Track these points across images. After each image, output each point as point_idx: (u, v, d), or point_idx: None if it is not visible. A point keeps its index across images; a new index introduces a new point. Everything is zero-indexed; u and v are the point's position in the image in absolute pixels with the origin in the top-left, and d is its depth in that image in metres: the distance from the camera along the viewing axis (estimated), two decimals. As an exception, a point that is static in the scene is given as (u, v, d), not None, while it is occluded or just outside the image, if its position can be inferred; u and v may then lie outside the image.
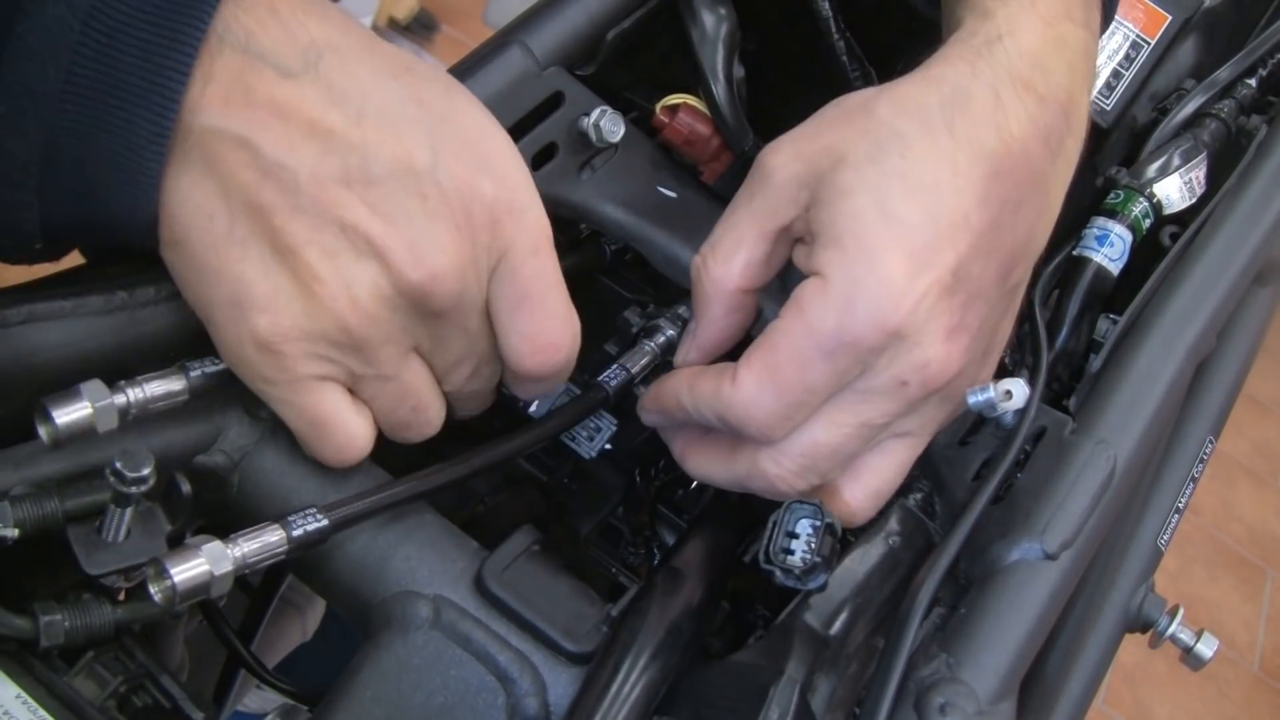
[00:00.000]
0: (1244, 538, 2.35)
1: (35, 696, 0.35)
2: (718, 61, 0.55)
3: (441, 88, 0.42)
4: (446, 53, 2.39)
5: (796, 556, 0.43)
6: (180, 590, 0.36)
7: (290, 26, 0.38)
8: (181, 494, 0.38)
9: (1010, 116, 0.45)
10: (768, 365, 0.43)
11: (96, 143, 0.37)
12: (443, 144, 0.40)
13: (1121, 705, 2.00)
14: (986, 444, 0.50)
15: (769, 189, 0.46)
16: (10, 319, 0.38)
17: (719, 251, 0.47)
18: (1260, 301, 0.68)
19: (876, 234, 0.42)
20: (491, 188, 0.41)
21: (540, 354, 0.43)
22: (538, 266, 0.42)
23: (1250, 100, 0.69)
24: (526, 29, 0.52)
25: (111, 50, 0.36)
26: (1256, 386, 2.49)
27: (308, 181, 0.38)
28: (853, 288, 0.42)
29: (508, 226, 0.41)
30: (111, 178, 0.37)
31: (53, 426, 0.37)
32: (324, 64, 0.38)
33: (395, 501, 0.42)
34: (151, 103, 0.36)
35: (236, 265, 0.39)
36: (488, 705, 0.40)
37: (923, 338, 0.43)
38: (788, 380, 0.43)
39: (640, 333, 0.53)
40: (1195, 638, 0.59)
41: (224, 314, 0.39)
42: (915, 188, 0.43)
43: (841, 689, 0.43)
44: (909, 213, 0.43)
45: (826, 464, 0.45)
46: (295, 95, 0.38)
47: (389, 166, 0.39)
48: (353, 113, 0.38)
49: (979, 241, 0.44)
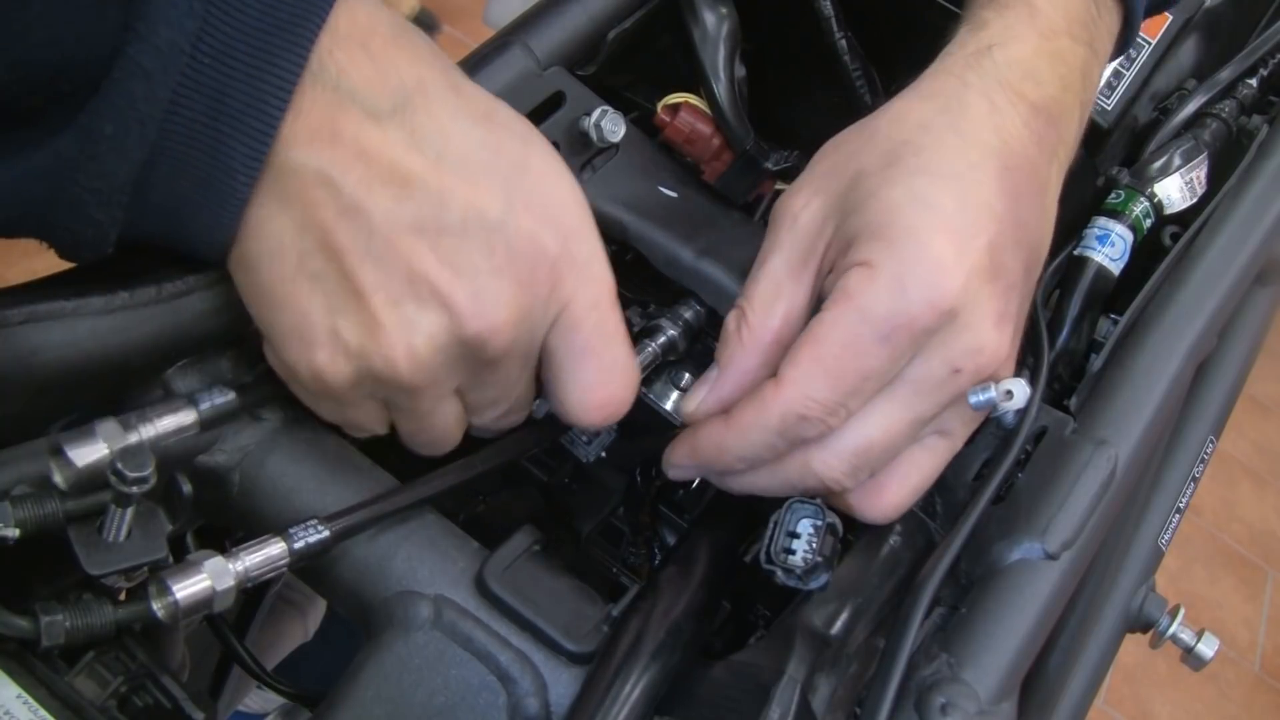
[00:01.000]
0: (1245, 538, 2.35)
1: (36, 696, 0.35)
2: (719, 61, 0.55)
3: (520, 136, 0.42)
4: (447, 52, 2.39)
5: (798, 556, 0.43)
6: (183, 606, 0.36)
7: (381, 65, 0.38)
8: (182, 494, 0.38)
9: (1006, 120, 0.46)
10: (818, 357, 0.43)
11: (190, 164, 0.37)
12: (515, 194, 0.40)
13: (1122, 705, 2.00)
14: (987, 444, 0.50)
15: (796, 229, 0.46)
16: (11, 319, 0.38)
17: (757, 303, 0.46)
18: (1261, 301, 0.68)
19: (916, 218, 0.43)
20: (557, 242, 0.41)
21: (601, 408, 0.44)
22: (598, 320, 0.42)
23: (1251, 100, 0.69)
24: (527, 29, 0.52)
25: (217, 74, 0.36)
26: (1257, 386, 2.49)
27: (381, 225, 0.38)
28: (903, 268, 0.42)
29: (569, 280, 0.41)
30: (200, 199, 0.38)
31: (70, 468, 0.37)
32: (410, 106, 0.39)
33: (396, 509, 0.42)
34: (250, 127, 0.37)
35: (304, 299, 0.39)
36: (488, 705, 0.40)
37: (974, 320, 0.43)
38: (842, 367, 0.43)
39: (640, 333, 0.53)
40: (1196, 638, 0.59)
41: (285, 340, 0.40)
42: (939, 178, 0.44)
43: (842, 689, 0.43)
44: (940, 198, 0.43)
45: (878, 460, 0.45)
46: (379, 138, 0.38)
47: (462, 216, 0.39)
48: (432, 158, 0.39)
49: (1005, 230, 0.44)
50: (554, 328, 0.42)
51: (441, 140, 0.39)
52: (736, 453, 0.45)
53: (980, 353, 0.43)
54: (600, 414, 0.44)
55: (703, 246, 0.54)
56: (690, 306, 0.54)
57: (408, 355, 0.39)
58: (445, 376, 0.41)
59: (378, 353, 0.39)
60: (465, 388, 0.43)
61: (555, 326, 0.42)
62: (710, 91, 0.55)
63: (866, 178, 0.44)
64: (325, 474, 0.44)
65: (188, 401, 0.41)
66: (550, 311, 0.42)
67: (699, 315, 0.54)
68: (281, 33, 0.36)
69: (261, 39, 0.36)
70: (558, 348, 0.43)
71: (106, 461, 0.37)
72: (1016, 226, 0.45)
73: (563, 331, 0.42)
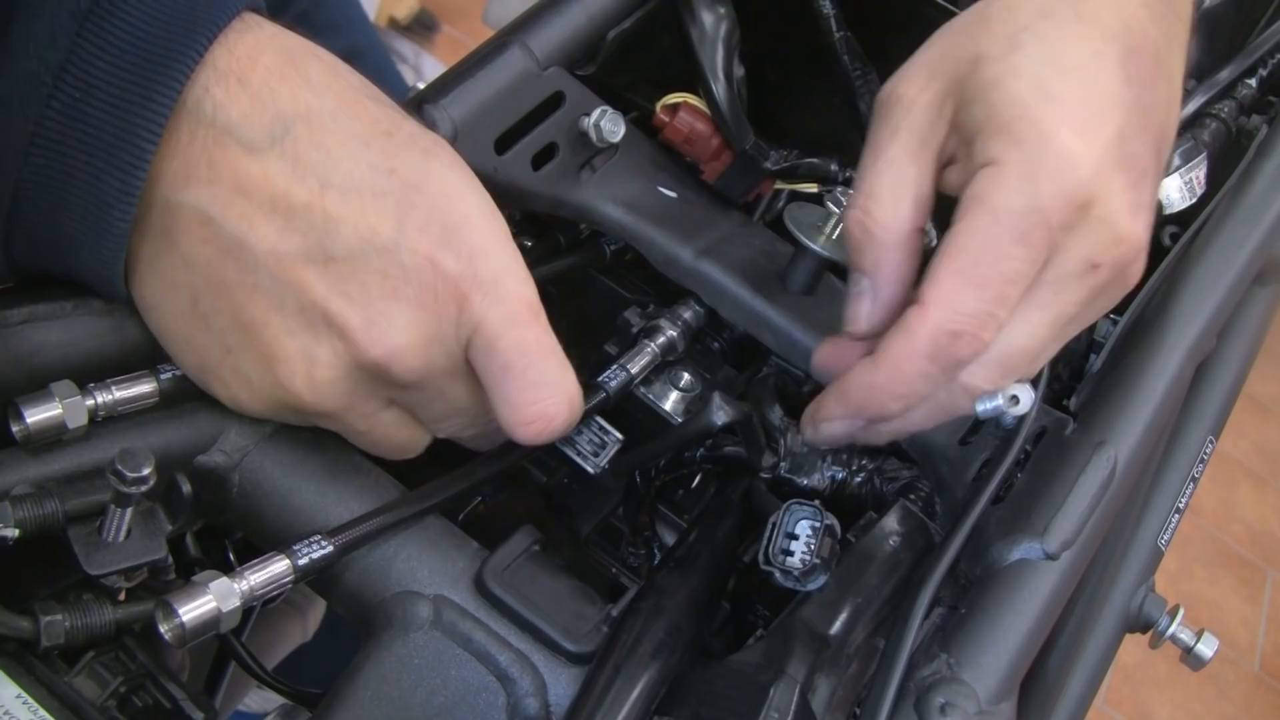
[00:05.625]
0: (1244, 538, 2.35)
1: (35, 696, 0.35)
2: (718, 60, 0.55)
3: (419, 154, 0.40)
4: (446, 53, 2.39)
5: (796, 558, 0.43)
6: (190, 629, 0.36)
7: (261, 97, 0.38)
8: (181, 494, 0.38)
9: (1125, 2, 0.44)
10: (958, 269, 0.41)
11: (67, 195, 0.37)
12: (409, 216, 0.39)
13: (1122, 705, 2.00)
14: (986, 444, 0.50)
15: (913, 115, 0.45)
16: (11, 319, 0.38)
17: (882, 195, 0.44)
18: (1260, 301, 0.68)
19: (1041, 111, 0.42)
20: (458, 262, 0.39)
21: (531, 424, 0.42)
22: (515, 338, 0.41)
23: (1250, 100, 0.69)
24: (526, 29, 0.52)
25: (83, 106, 0.36)
26: (1256, 386, 2.49)
27: (266, 259, 0.38)
28: (1033, 165, 0.41)
29: (476, 300, 0.40)
30: (80, 234, 0.37)
31: (24, 426, 0.37)
32: (290, 137, 0.38)
33: (399, 520, 0.42)
34: (120, 160, 0.36)
35: (200, 337, 0.39)
36: (488, 705, 0.40)
37: (1108, 212, 0.42)
38: (985, 275, 0.41)
39: (640, 333, 0.53)
40: (1195, 638, 0.59)
41: (197, 376, 0.41)
42: (1063, 69, 0.43)
43: (842, 689, 0.43)
44: (1064, 90, 0.42)
45: (1029, 367, 0.44)
46: (258, 171, 0.38)
47: (350, 243, 0.38)
48: (316, 187, 0.38)
49: (1132, 118, 0.43)
50: (471, 348, 0.41)
51: (328, 167, 0.38)
52: (891, 390, 0.43)
53: (1118, 244, 0.43)
54: (532, 430, 0.42)
55: (702, 246, 0.54)
56: (690, 306, 0.54)
57: (308, 386, 0.39)
58: (361, 400, 0.41)
59: (279, 385, 0.39)
60: (404, 404, 0.43)
61: (472, 347, 0.41)
62: (709, 91, 0.55)
63: (987, 64, 0.43)
64: (325, 474, 0.43)
65: (150, 371, 0.41)
66: (462, 333, 0.40)
67: (698, 315, 0.54)
68: (153, 69, 0.36)
69: (133, 74, 0.36)
70: (481, 368, 0.41)
71: (59, 420, 0.38)
72: (1143, 112, 0.44)
73: (480, 352, 0.41)
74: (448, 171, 0.41)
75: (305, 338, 0.39)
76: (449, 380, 0.42)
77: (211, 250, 0.38)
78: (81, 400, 0.38)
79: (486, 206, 0.41)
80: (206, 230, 0.38)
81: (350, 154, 0.39)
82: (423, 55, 2.32)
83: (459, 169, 0.41)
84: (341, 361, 0.39)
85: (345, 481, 0.44)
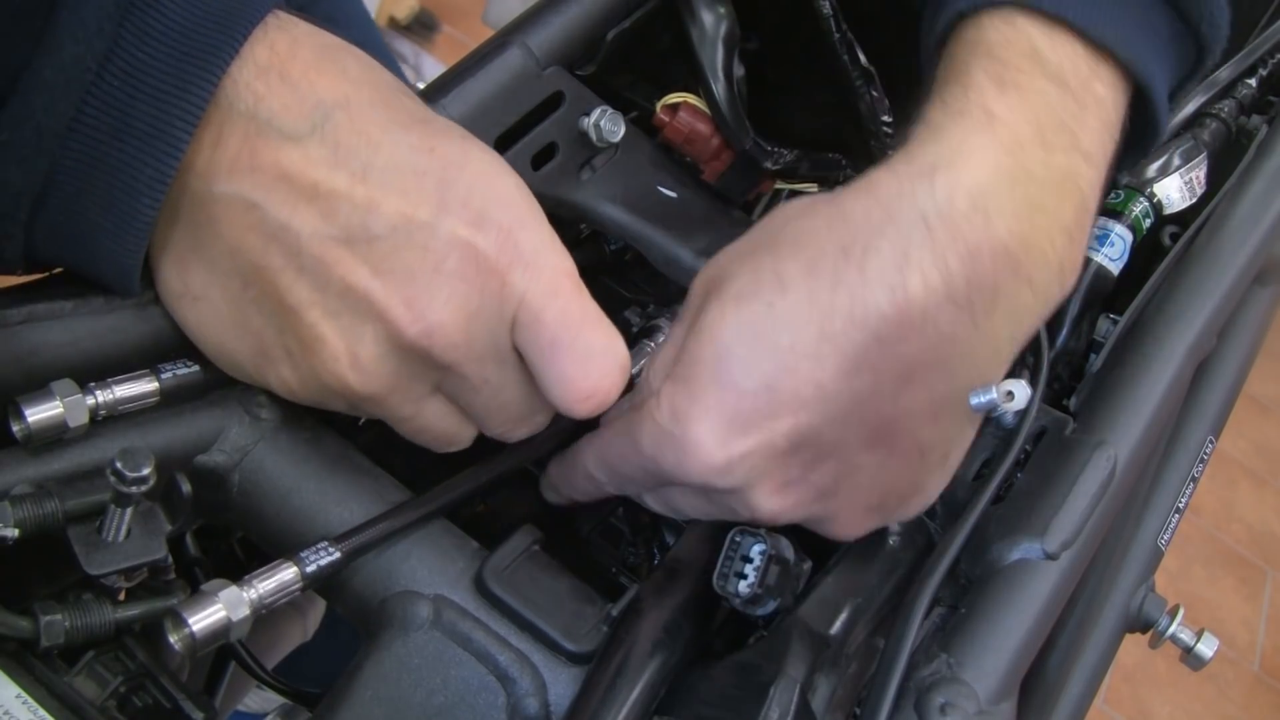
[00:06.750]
0: (1244, 538, 2.35)
1: (35, 696, 0.35)
2: (718, 60, 0.55)
3: (457, 136, 0.42)
4: (446, 53, 2.39)
5: (744, 584, 0.42)
6: (200, 638, 0.36)
7: (299, 89, 0.39)
8: (181, 494, 0.38)
9: (914, 274, 0.40)
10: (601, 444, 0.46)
11: (95, 183, 0.37)
12: (449, 195, 0.39)
13: (1121, 705, 2.00)
14: (986, 444, 0.50)
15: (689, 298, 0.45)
16: (10, 319, 0.38)
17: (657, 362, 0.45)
18: (1260, 301, 0.68)
19: (703, 387, 0.41)
20: (497, 238, 0.40)
21: (587, 399, 0.42)
22: (560, 308, 0.41)
23: (1250, 100, 0.69)
24: (526, 29, 0.52)
25: (124, 94, 0.36)
26: (1256, 386, 2.49)
27: (309, 242, 0.38)
28: (667, 435, 0.41)
29: (517, 274, 0.40)
30: (104, 221, 0.38)
31: (25, 425, 0.37)
32: (331, 123, 0.39)
33: (405, 525, 0.42)
34: (155, 148, 0.37)
35: (254, 321, 0.40)
36: (488, 705, 0.40)
37: (744, 489, 0.42)
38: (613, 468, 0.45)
39: (640, 333, 0.53)
40: (1195, 638, 0.59)
41: (247, 364, 0.41)
42: (766, 349, 0.40)
43: (842, 689, 0.43)
44: (745, 378, 0.40)
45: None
46: (299, 158, 0.38)
47: (392, 220, 0.39)
48: (358, 170, 0.39)
49: (833, 410, 0.41)
50: (516, 327, 0.41)
51: (369, 151, 0.39)
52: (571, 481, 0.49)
53: (755, 511, 0.43)
54: (588, 405, 0.42)
55: (702, 246, 0.54)
56: (690, 306, 0.54)
57: (353, 367, 0.40)
58: (405, 383, 0.41)
59: (323, 367, 0.40)
60: (449, 392, 0.43)
61: (517, 325, 0.41)
62: (709, 91, 0.55)
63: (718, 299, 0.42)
64: (325, 473, 0.44)
65: (151, 371, 0.41)
66: (506, 310, 0.41)
67: (698, 315, 0.54)
68: (190, 61, 0.37)
69: (173, 65, 0.37)
70: (527, 346, 0.41)
71: (60, 419, 0.38)
72: (861, 404, 0.41)
73: (526, 328, 0.41)
74: (486, 153, 0.42)
75: (348, 319, 0.39)
76: (493, 366, 0.42)
77: (257, 237, 0.39)
78: (82, 399, 0.38)
79: (522, 188, 0.42)
80: (251, 217, 0.38)
81: (391, 138, 0.39)
82: (423, 55, 2.32)
83: (494, 154, 0.42)
84: (384, 342, 0.40)
85: (345, 481, 0.44)
